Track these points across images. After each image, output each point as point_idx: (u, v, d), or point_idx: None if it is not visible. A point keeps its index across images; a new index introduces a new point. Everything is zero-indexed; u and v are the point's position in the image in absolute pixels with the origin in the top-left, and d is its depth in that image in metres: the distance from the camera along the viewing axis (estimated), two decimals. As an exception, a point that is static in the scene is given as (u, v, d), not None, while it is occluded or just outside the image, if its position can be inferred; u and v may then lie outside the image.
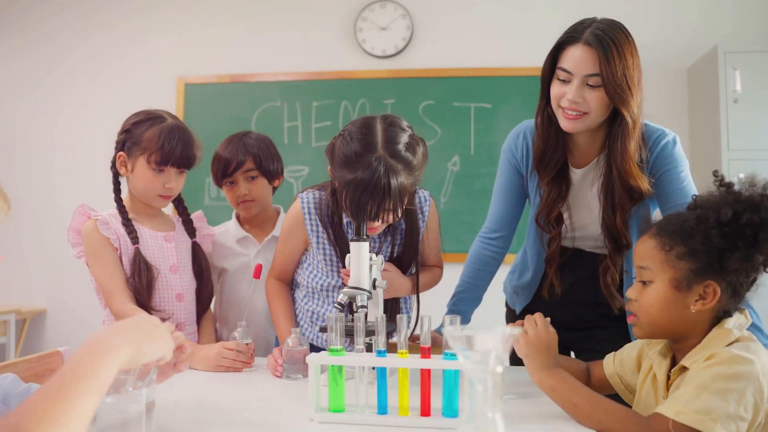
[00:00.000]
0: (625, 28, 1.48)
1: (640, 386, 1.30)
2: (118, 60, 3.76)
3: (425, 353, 1.13)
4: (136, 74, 3.72)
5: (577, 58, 1.45)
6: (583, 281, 1.68)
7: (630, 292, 1.25)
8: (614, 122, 1.51)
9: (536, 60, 1.74)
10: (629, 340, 1.63)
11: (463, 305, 1.79)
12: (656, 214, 1.55)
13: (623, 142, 1.49)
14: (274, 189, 2.03)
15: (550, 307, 1.65)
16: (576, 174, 1.63)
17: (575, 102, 1.46)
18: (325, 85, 3.59)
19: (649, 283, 1.20)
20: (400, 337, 1.14)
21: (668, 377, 1.21)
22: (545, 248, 1.69)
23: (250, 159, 1.92)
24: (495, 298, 1.94)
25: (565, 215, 1.65)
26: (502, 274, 1.89)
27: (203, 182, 3.53)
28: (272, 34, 3.66)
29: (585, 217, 1.65)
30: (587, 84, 1.45)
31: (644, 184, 1.51)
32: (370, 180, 1.41)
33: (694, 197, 1.25)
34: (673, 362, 1.23)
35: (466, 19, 3.54)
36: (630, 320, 1.26)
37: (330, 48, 3.61)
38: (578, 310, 1.68)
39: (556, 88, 1.50)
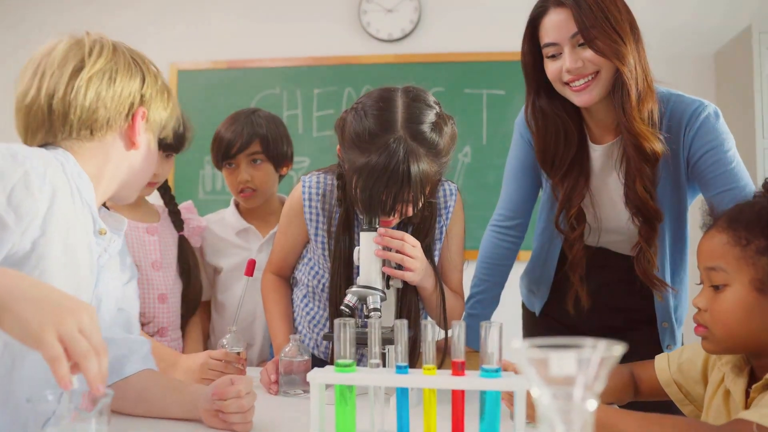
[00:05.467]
0: None
1: (708, 401, 1.13)
2: (108, 45, 3.61)
3: (458, 369, 0.92)
4: (127, 60, 3.57)
5: (554, 24, 1.36)
6: (611, 285, 1.51)
7: (698, 300, 1.07)
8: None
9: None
10: (660, 344, 1.52)
11: (482, 307, 1.61)
12: (697, 201, 1.38)
13: (622, 94, 1.34)
14: (281, 177, 1.82)
15: (574, 312, 1.50)
16: (596, 151, 1.46)
17: (576, 68, 1.34)
18: (327, 71, 3.46)
19: (724, 288, 1.03)
20: (426, 348, 0.93)
21: (746, 394, 1.03)
22: (559, 236, 1.53)
23: (257, 140, 1.72)
24: (511, 298, 1.74)
25: (588, 209, 1.48)
26: (516, 271, 1.70)
27: (197, 174, 3.35)
28: (271, 18, 3.51)
29: (610, 207, 1.48)
30: (578, 45, 1.34)
31: (656, 144, 1.35)
32: (386, 166, 1.20)
33: (766, 179, 1.08)
34: (751, 377, 1.05)
35: (477, 0, 3.40)
36: (698, 332, 1.08)
37: (332, 31, 3.47)
38: (605, 316, 1.51)
39: (550, 67, 1.39)
